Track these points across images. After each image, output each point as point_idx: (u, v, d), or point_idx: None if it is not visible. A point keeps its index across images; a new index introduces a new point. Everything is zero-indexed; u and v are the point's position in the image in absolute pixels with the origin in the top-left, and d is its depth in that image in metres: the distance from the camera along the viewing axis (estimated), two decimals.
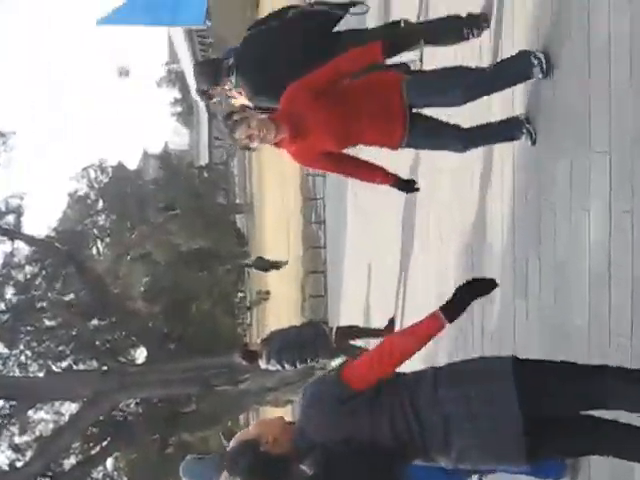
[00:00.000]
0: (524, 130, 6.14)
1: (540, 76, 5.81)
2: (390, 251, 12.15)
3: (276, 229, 35.21)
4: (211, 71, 7.52)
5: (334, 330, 11.37)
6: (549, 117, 5.94)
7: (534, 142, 6.13)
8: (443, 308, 3.81)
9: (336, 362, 10.87)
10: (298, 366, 10.50)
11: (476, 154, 7.80)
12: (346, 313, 16.77)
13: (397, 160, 9.56)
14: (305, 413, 3.87)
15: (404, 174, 10.96)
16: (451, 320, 3.81)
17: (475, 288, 3.89)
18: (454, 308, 3.83)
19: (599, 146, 5.10)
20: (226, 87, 7.56)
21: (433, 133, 6.23)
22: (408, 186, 6.76)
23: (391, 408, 3.77)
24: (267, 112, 7.36)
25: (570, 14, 5.56)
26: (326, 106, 5.88)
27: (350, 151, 6.37)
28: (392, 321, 11.88)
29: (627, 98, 4.75)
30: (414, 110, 6.08)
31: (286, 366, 10.40)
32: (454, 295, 3.85)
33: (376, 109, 5.95)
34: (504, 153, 6.93)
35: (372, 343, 11.85)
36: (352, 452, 3.70)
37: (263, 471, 3.75)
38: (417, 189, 6.86)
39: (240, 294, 44.93)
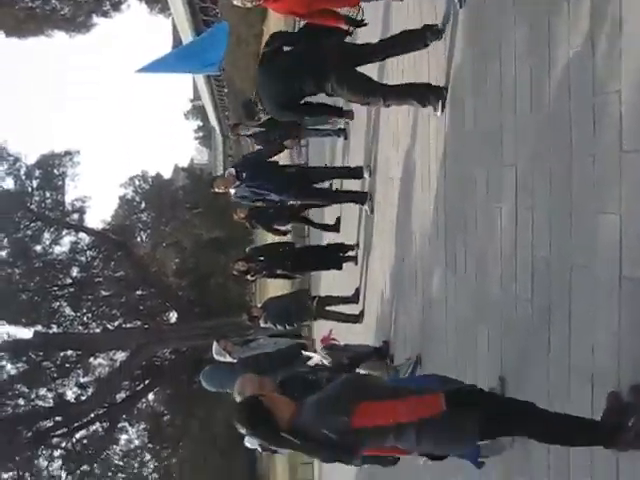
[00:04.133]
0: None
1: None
2: (353, 238, 12.11)
3: None
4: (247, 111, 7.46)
5: (315, 300, 11.37)
6: (471, 138, 5.91)
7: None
8: (446, 394, 3.61)
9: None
10: (287, 327, 10.56)
11: (418, 165, 7.78)
12: (325, 284, 16.73)
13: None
14: (309, 412, 3.65)
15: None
16: (448, 407, 3.56)
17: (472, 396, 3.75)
18: (452, 402, 3.59)
19: (508, 160, 5.07)
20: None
21: None
22: (358, 23, 6.49)
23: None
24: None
25: (486, 65, 5.53)
26: None
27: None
28: (357, 290, 11.86)
29: (529, 125, 4.73)
30: None
31: (278, 327, 10.47)
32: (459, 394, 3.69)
33: None
34: (438, 168, 6.89)
35: (343, 308, 11.83)
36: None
37: (251, 418, 3.68)
38: (365, 24, 6.52)
39: None
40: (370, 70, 6.85)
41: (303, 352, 8.43)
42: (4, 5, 33.64)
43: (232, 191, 9.95)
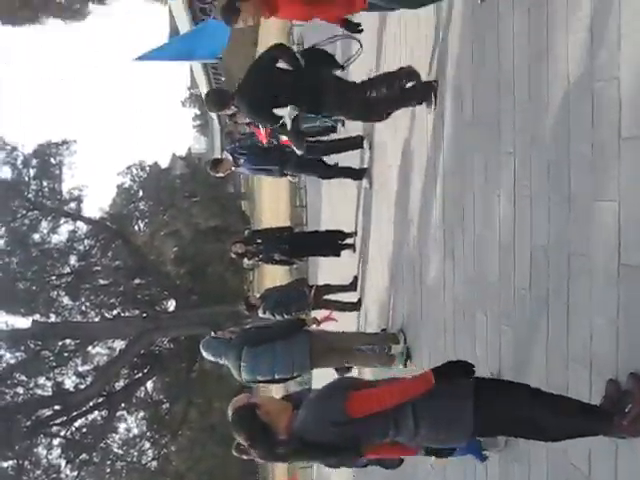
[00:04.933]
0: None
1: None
2: (351, 226, 12.10)
3: (270, 211, 35.13)
4: (218, 99, 7.41)
5: (312, 290, 11.28)
6: (469, 126, 5.90)
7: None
8: (434, 370, 3.57)
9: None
10: (285, 316, 10.52)
11: (417, 153, 7.77)
12: (323, 272, 16.73)
13: None
14: (305, 411, 3.62)
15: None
16: (437, 381, 3.51)
17: (459, 367, 3.62)
18: (441, 375, 3.55)
19: (506, 148, 5.06)
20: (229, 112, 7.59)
21: None
22: (355, 27, 6.30)
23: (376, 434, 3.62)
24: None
25: (484, 52, 5.51)
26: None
27: None
28: (355, 278, 11.84)
29: (528, 113, 4.72)
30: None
31: (277, 316, 10.43)
32: (445, 366, 3.62)
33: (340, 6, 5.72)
34: (436, 155, 6.88)
35: (341, 296, 11.83)
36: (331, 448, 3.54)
37: (244, 427, 3.66)
38: (361, 30, 6.37)
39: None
40: (368, 60, 6.86)
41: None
42: None
43: (234, 169, 10.14)
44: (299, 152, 7.19)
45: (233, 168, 10.09)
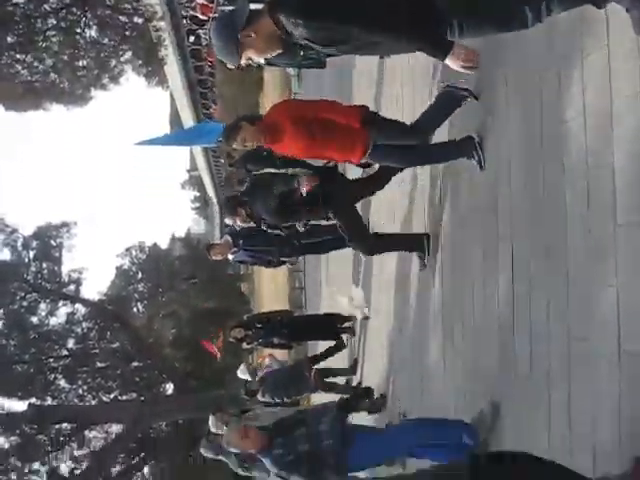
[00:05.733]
0: (475, 153, 5.65)
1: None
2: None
3: (269, 292, 35.11)
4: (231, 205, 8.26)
5: (313, 372, 11.20)
6: (467, 212, 5.94)
7: (482, 167, 5.65)
8: None
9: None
10: (285, 400, 10.46)
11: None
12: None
13: None
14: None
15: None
16: None
17: None
18: None
19: (504, 234, 5.10)
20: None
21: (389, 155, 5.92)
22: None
23: None
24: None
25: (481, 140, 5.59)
26: (300, 133, 5.61)
27: None
28: (355, 361, 11.78)
29: (524, 200, 4.76)
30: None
31: (276, 400, 10.36)
32: None
33: (340, 148, 5.69)
34: (434, 241, 6.93)
35: (341, 380, 11.75)
36: None
37: None
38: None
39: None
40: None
41: None
42: (3, 79, 34.06)
43: (230, 257, 10.14)
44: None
45: (230, 256, 10.12)
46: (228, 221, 9.05)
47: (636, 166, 3.49)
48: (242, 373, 11.37)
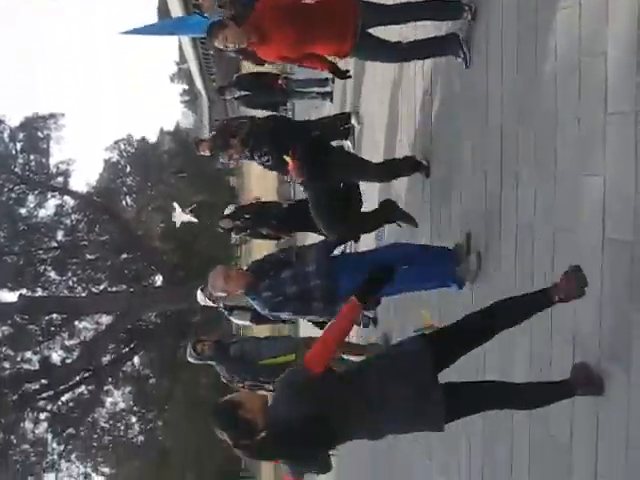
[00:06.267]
0: (461, 50, 5.52)
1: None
2: None
3: (258, 187, 35.08)
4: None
5: None
6: (457, 100, 5.90)
7: (467, 65, 5.55)
8: (357, 295, 3.61)
9: None
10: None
11: (404, 126, 7.76)
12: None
13: None
14: (276, 398, 3.61)
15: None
16: (364, 302, 3.61)
17: (377, 280, 3.69)
18: (364, 295, 3.62)
19: (493, 122, 5.07)
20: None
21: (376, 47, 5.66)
22: (343, 73, 6.21)
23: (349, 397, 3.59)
24: None
25: (472, 25, 5.50)
26: (287, 22, 5.40)
27: None
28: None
29: (515, 87, 4.73)
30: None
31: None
32: (364, 285, 3.67)
33: (331, 32, 5.45)
34: (424, 130, 6.89)
35: None
36: (302, 427, 3.47)
37: (229, 427, 3.59)
38: (349, 76, 6.35)
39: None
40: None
41: None
42: None
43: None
44: None
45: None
46: (223, 160, 8.55)
47: (630, 55, 3.44)
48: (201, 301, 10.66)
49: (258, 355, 7.81)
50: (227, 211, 11.19)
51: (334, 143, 11.13)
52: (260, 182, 34.07)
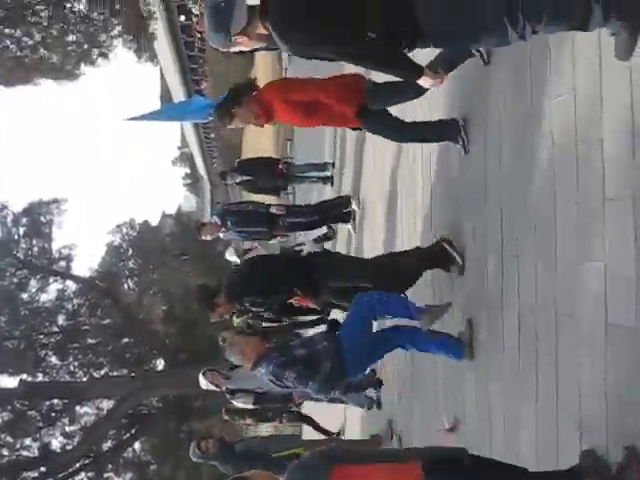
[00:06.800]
0: (460, 137, 5.62)
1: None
2: None
3: None
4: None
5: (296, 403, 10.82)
6: (457, 186, 5.94)
7: (466, 151, 5.64)
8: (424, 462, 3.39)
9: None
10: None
11: (404, 212, 7.80)
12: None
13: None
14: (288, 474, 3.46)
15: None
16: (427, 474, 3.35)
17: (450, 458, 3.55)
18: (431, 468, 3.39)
19: (493, 208, 5.09)
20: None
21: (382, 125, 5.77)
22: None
23: None
24: None
25: (472, 114, 5.57)
26: (292, 112, 5.62)
27: None
28: (339, 434, 11.86)
29: (513, 173, 4.75)
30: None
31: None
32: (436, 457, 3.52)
33: (336, 115, 5.58)
34: (424, 216, 6.91)
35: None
36: None
37: None
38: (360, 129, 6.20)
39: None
40: None
41: None
42: None
43: (221, 235, 10.14)
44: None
45: (221, 235, 10.08)
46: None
47: (626, 140, 3.47)
48: (230, 255, 11.46)
49: (266, 450, 7.87)
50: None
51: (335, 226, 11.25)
52: None
